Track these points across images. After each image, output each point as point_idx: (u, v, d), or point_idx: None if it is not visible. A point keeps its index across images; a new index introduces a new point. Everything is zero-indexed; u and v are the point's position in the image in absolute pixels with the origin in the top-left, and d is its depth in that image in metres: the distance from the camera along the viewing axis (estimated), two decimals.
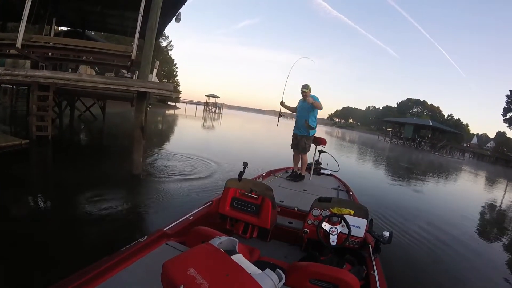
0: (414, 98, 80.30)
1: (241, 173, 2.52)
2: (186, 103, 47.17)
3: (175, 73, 47.20)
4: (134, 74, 9.39)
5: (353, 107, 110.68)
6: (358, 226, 2.13)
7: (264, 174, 4.28)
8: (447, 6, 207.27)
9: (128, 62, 5.86)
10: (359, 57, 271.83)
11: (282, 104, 4.46)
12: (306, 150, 4.41)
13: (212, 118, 34.88)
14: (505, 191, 12.59)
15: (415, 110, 78.19)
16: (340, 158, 12.19)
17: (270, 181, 4.10)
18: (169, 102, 42.77)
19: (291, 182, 4.15)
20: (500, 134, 57.09)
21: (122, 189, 4.43)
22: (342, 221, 2.13)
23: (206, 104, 46.77)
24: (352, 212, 2.18)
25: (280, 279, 1.01)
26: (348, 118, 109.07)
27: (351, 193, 3.90)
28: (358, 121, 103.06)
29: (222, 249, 1.16)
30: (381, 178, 10.16)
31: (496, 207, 8.50)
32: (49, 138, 6.81)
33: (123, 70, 9.23)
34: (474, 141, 65.08)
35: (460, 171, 18.06)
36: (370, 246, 2.06)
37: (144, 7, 4.99)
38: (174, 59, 46.28)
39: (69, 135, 9.74)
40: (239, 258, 1.12)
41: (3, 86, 11.11)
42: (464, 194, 10.12)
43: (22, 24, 4.76)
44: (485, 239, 5.14)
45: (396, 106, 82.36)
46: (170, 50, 44.97)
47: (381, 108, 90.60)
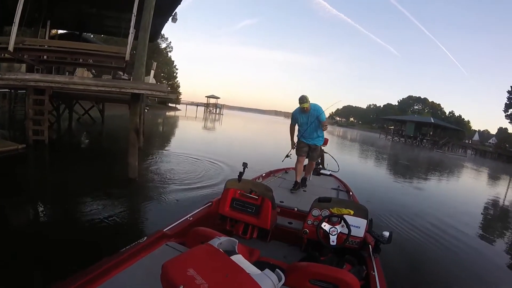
0: (415, 95, 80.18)
1: (240, 173, 2.52)
2: (187, 105, 47.30)
3: (175, 74, 47.34)
4: (131, 76, 9.31)
5: (354, 106, 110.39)
6: (358, 226, 2.12)
7: (263, 174, 4.26)
8: (447, 3, 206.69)
9: (123, 64, 5.78)
10: (360, 55, 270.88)
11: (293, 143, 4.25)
12: (316, 159, 4.27)
13: (213, 119, 34.78)
14: None
15: (416, 107, 77.95)
16: (343, 158, 12.27)
17: (270, 181, 4.09)
18: (169, 104, 42.88)
19: (291, 182, 4.06)
20: (501, 130, 56.79)
21: (116, 195, 4.25)
22: (342, 221, 2.12)
23: (207, 105, 46.74)
24: (351, 212, 2.17)
25: (279, 280, 1.02)
26: (349, 116, 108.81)
27: (351, 193, 3.89)
28: (359, 119, 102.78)
29: (221, 249, 1.17)
30: (389, 182, 9.38)
31: None
32: (45, 142, 6.78)
33: (120, 72, 9.16)
34: (476, 137, 64.73)
35: (467, 169, 17.86)
36: (370, 246, 2.06)
37: (138, 8, 4.91)
38: (174, 61, 46.46)
39: (67, 139, 9.67)
40: (239, 259, 1.12)
41: (2, 90, 11.13)
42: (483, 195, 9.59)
43: (14, 27, 4.69)
44: None
45: (397, 104, 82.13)
46: (170, 51, 45.10)
47: (382, 106, 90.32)
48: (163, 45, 43.10)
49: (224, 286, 0.93)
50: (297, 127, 4.14)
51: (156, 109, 31.65)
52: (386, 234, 1.97)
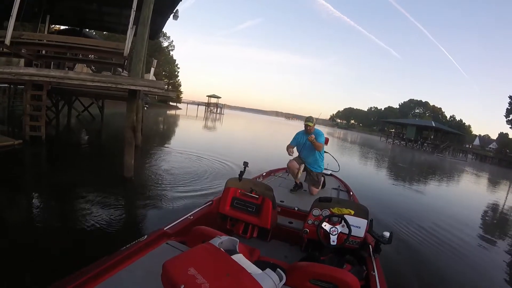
0: (416, 99, 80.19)
1: (241, 172, 2.52)
2: (188, 104, 47.21)
3: (177, 73, 47.24)
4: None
5: (355, 108, 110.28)
6: (358, 226, 2.11)
7: (264, 174, 4.28)
8: (450, 8, 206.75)
9: (123, 60, 5.69)
10: (361, 58, 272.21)
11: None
12: (318, 185, 3.86)
13: (213, 118, 34.63)
14: None
15: (417, 111, 77.95)
16: (348, 162, 12.15)
17: (270, 181, 4.08)
18: (170, 103, 42.83)
19: (292, 182, 4.01)
20: (502, 135, 56.65)
21: (106, 195, 3.97)
22: (342, 221, 2.12)
23: (208, 104, 46.64)
24: (352, 212, 2.16)
25: (280, 279, 1.02)
26: (349, 119, 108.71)
27: (351, 193, 3.88)
28: (360, 122, 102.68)
29: (222, 249, 1.17)
30: (395, 188, 8.86)
31: None
32: (42, 139, 6.70)
33: (119, 69, 9.09)
34: (476, 142, 64.74)
35: (471, 175, 17.70)
36: (370, 246, 2.06)
37: (138, 3, 4.82)
38: (175, 60, 46.38)
39: (64, 136, 9.57)
40: (240, 258, 1.12)
41: (2, 85, 11.06)
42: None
43: (11, 20, 4.61)
44: None
45: (398, 107, 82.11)
46: (172, 50, 45.03)
47: (383, 109, 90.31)
48: (165, 43, 43.12)
49: (225, 286, 0.93)
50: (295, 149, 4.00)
51: (156, 107, 31.58)
52: (387, 234, 1.97)
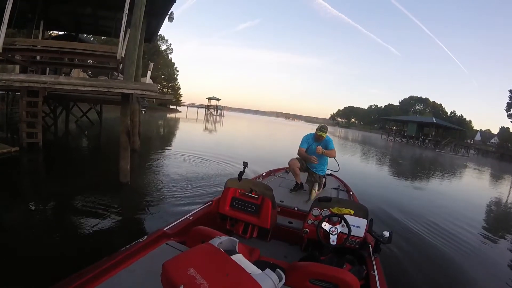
0: (416, 95, 79.77)
1: (241, 172, 2.52)
2: (188, 106, 47.23)
3: (176, 76, 47.28)
4: None
5: (355, 106, 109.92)
6: (358, 226, 2.11)
7: (264, 174, 4.29)
8: (448, 3, 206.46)
9: (116, 64, 5.62)
10: (360, 56, 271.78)
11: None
12: (319, 187, 3.84)
13: (214, 120, 34.56)
14: None
15: (418, 107, 77.60)
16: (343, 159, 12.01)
17: (270, 181, 4.07)
18: (170, 106, 42.83)
19: (292, 182, 3.99)
20: (503, 129, 56.39)
21: (100, 201, 3.89)
22: (342, 221, 2.12)
23: (208, 106, 46.61)
24: (352, 212, 2.16)
25: (280, 279, 1.01)
26: (350, 117, 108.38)
27: (351, 193, 3.89)
28: (360, 120, 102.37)
29: (222, 249, 1.17)
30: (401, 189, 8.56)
31: None
32: (39, 145, 6.65)
33: (116, 73, 9.03)
34: (478, 137, 64.41)
35: (476, 171, 17.58)
36: (370, 246, 2.06)
37: (130, 5, 4.75)
38: (174, 63, 46.41)
39: (62, 142, 9.50)
40: (239, 258, 1.12)
41: (0, 93, 11.03)
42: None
43: (3, 27, 4.55)
44: None
45: (398, 104, 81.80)
46: (170, 53, 45.07)
47: (383, 106, 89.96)
48: (163, 47, 43.15)
49: (224, 286, 0.92)
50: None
51: (155, 110, 31.51)
52: (387, 234, 1.97)
